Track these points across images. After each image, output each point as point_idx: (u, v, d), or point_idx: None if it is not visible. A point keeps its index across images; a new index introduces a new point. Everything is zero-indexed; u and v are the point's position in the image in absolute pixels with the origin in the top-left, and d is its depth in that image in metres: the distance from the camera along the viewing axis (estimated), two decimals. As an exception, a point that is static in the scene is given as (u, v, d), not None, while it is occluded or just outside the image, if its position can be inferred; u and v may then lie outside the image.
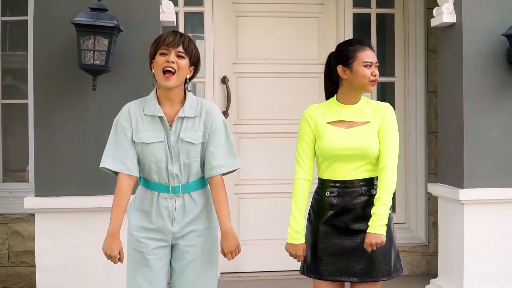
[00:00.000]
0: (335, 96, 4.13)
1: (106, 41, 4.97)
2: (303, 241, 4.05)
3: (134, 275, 3.83)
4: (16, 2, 7.00)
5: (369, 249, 3.82)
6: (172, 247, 3.87)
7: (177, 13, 6.61)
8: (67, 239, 5.20)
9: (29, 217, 6.45)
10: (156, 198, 3.79)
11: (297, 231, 4.04)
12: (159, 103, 3.79)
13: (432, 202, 7.11)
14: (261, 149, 7.10)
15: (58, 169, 5.24)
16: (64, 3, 5.28)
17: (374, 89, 4.18)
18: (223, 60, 7.08)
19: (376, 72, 4.01)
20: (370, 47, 4.09)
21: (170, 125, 3.76)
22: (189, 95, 3.86)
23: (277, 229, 7.04)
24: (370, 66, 4.00)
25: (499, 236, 5.78)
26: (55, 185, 5.23)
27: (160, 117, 3.76)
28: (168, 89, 3.73)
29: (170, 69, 3.66)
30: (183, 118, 3.78)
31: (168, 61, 3.66)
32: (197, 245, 3.86)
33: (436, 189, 6.20)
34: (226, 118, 6.89)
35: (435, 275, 6.49)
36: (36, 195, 5.25)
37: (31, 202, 5.21)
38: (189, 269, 3.86)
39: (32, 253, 6.38)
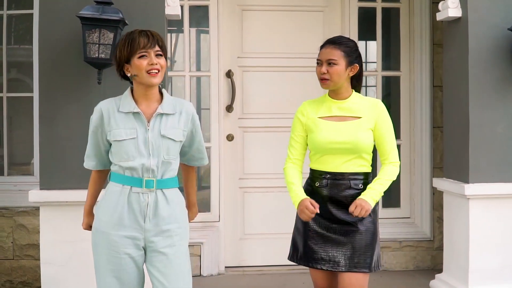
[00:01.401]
0: (328, 91, 4.24)
1: (111, 35, 4.97)
2: (305, 196, 4.11)
3: (104, 273, 3.79)
4: (21, -5, 7.02)
5: (354, 212, 3.92)
6: (147, 250, 3.81)
7: (182, 7, 6.60)
8: (71, 232, 5.19)
9: (34, 210, 6.46)
10: (127, 193, 3.75)
11: (296, 190, 4.17)
12: (136, 102, 3.81)
13: (437, 197, 7.10)
14: (266, 143, 7.11)
15: (63, 163, 5.25)
16: (69, -4, 5.29)
17: (328, 87, 4.16)
18: (228, 54, 7.09)
19: (323, 70, 4.09)
20: (330, 43, 4.18)
21: (148, 121, 3.77)
22: (165, 94, 3.90)
23: (282, 223, 7.06)
24: (320, 64, 4.14)
25: (505, 231, 5.76)
26: (60, 179, 5.23)
27: (136, 113, 3.77)
28: (148, 87, 3.77)
29: (155, 71, 3.71)
30: (162, 114, 3.81)
31: (152, 64, 3.70)
32: (174, 244, 3.82)
33: (441, 183, 6.19)
34: (230, 112, 6.94)
35: (440, 270, 6.48)
36: (41, 188, 5.25)
37: (36, 195, 5.21)
38: (170, 271, 3.80)
39: (36, 246, 6.39)
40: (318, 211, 3.99)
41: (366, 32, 7.44)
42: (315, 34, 7.18)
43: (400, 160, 4.25)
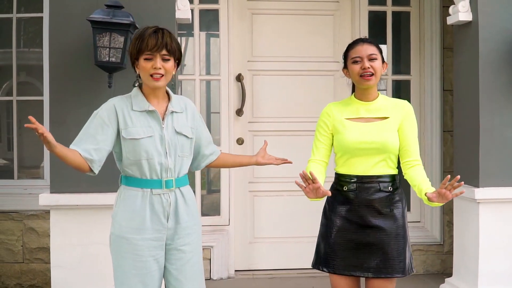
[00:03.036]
0: (353, 94, 4.18)
1: (121, 38, 4.97)
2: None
3: (128, 278, 3.75)
4: (31, -1, 7.03)
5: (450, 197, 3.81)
6: (166, 248, 3.80)
7: (192, 11, 6.61)
8: (81, 236, 5.20)
9: (44, 214, 6.47)
10: (148, 196, 3.73)
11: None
12: (147, 100, 3.79)
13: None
14: (276, 147, 7.06)
15: (73, 166, 5.25)
16: (80, 0, 5.29)
17: (372, 83, 4.02)
18: (238, 58, 7.09)
19: (366, 65, 4.01)
20: (363, 41, 4.14)
21: (162, 119, 3.77)
22: (171, 92, 3.90)
23: (291, 227, 7.06)
24: (359, 61, 4.04)
25: (515, 235, 5.76)
26: (70, 182, 5.23)
27: (151, 111, 3.75)
28: (155, 87, 3.76)
29: (158, 75, 3.68)
30: (173, 112, 3.81)
31: (155, 68, 3.66)
32: (192, 242, 3.84)
33: (452, 188, 6.17)
34: (240, 115, 6.94)
35: (450, 274, 6.47)
36: (51, 192, 5.26)
37: (46, 199, 5.21)
38: (188, 268, 3.82)
39: (46, 249, 6.41)
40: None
41: (376, 36, 7.43)
42: (325, 38, 7.19)
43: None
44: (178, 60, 3.85)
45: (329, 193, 3.78)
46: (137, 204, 3.73)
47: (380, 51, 4.12)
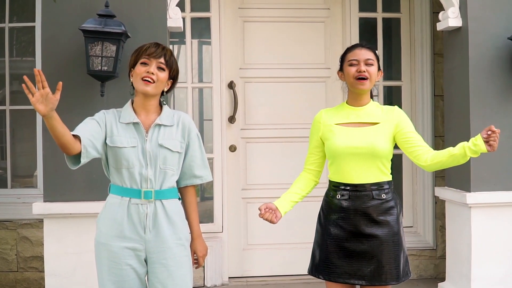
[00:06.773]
0: (347, 99, 4.17)
1: (114, 47, 4.99)
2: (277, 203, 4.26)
3: (105, 284, 3.78)
4: (24, 8, 7.02)
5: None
6: (148, 261, 3.81)
7: (184, 19, 6.64)
8: (75, 244, 5.21)
9: (38, 223, 6.48)
10: (127, 204, 3.75)
11: (279, 198, 4.31)
12: (135, 113, 3.83)
13: (439, 206, 7.11)
14: (268, 153, 7.12)
15: (66, 175, 5.25)
16: (72, 9, 5.31)
17: (365, 88, 4.00)
18: (230, 65, 7.11)
19: (362, 68, 3.99)
20: (362, 46, 4.16)
21: (146, 132, 3.79)
22: (165, 107, 3.92)
23: (285, 234, 7.06)
24: (356, 64, 4.04)
25: (507, 239, 5.77)
26: (63, 191, 5.25)
27: (136, 123, 3.79)
28: (145, 97, 3.80)
29: (149, 79, 3.72)
30: (160, 125, 3.82)
31: (148, 72, 3.72)
32: (175, 256, 3.81)
33: (444, 192, 6.20)
34: (233, 123, 6.93)
35: (442, 279, 6.50)
36: (44, 201, 5.27)
37: (40, 208, 5.22)
38: (170, 282, 3.80)
39: (40, 258, 6.41)
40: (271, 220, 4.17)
41: (367, 42, 7.46)
42: (316, 44, 7.21)
43: (402, 169, 4.22)
44: (173, 80, 3.91)
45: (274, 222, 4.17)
46: (115, 211, 3.77)
47: (377, 58, 4.13)
